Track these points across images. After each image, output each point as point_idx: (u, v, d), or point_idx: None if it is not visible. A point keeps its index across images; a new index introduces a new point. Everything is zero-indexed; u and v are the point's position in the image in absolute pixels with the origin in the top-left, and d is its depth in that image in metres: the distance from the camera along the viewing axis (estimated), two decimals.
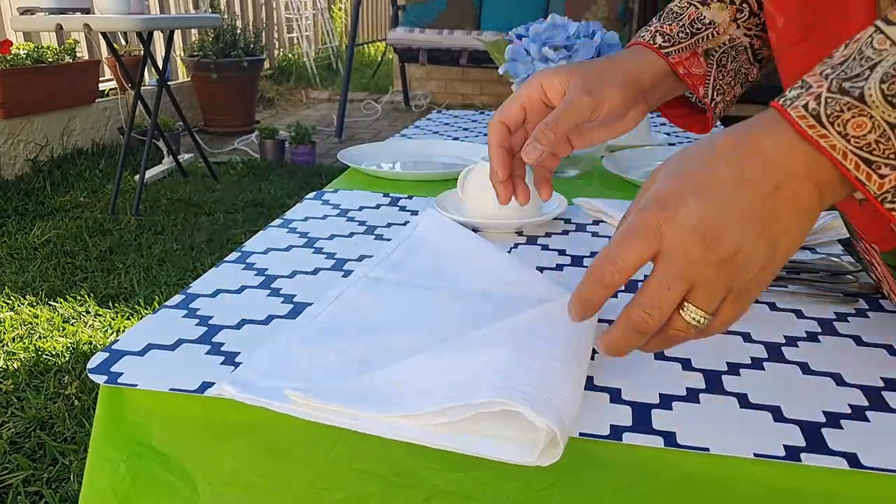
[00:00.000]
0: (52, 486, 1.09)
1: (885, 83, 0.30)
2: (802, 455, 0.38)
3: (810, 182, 0.33)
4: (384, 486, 0.42)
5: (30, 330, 1.57)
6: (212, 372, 0.46)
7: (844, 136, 0.31)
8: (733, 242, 0.32)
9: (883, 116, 0.30)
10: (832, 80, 0.31)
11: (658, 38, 0.53)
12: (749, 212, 0.32)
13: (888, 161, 0.30)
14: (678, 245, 0.33)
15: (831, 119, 0.31)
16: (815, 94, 0.32)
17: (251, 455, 0.43)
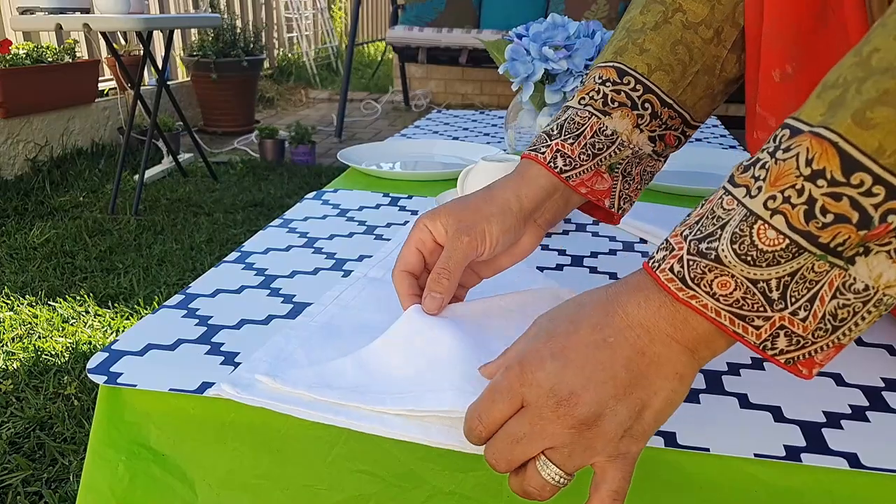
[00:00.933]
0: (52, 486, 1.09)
1: (734, 243, 0.31)
2: (803, 455, 0.38)
3: (677, 343, 0.33)
4: (383, 486, 0.42)
5: (29, 330, 1.57)
6: (211, 372, 0.46)
7: (713, 295, 0.32)
8: (591, 407, 0.33)
9: (742, 274, 0.31)
10: (690, 242, 0.32)
11: (559, 160, 0.50)
12: (611, 376, 0.33)
13: (759, 314, 0.31)
14: (536, 405, 0.33)
15: (696, 281, 0.32)
16: (677, 255, 0.33)
17: (250, 456, 0.43)
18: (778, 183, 0.30)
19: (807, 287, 0.31)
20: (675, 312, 0.33)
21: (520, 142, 1.00)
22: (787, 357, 0.32)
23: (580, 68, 0.85)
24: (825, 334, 0.32)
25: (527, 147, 0.55)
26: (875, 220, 0.29)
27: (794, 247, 0.30)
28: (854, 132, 0.29)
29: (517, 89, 0.90)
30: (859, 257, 0.30)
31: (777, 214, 0.30)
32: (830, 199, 0.29)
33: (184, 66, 4.03)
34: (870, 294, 0.31)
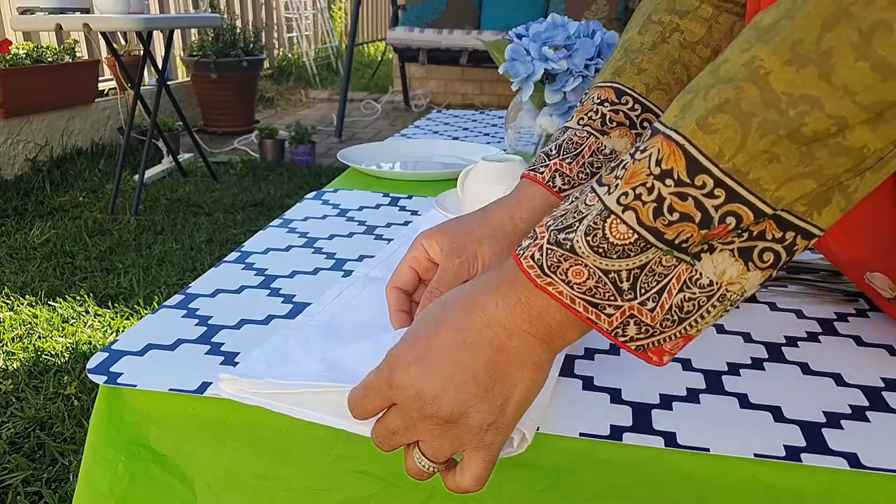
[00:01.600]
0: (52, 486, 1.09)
1: (588, 235, 0.33)
2: (803, 455, 0.38)
3: (532, 337, 0.35)
4: (383, 486, 0.42)
5: (29, 330, 1.57)
6: (211, 372, 0.46)
7: (568, 283, 0.33)
8: (454, 406, 0.35)
9: (595, 264, 0.33)
10: (551, 232, 0.34)
11: (557, 179, 0.52)
12: (472, 376, 0.34)
13: (610, 302, 0.33)
14: (404, 406, 0.36)
15: (553, 269, 0.33)
16: (538, 244, 0.34)
17: (249, 456, 0.43)
18: (632, 181, 0.32)
19: (656, 280, 0.33)
20: (531, 308, 0.35)
21: (520, 142, 1.00)
22: (637, 344, 0.34)
23: (580, 68, 0.85)
24: (672, 325, 0.33)
25: (529, 165, 0.56)
26: (715, 221, 0.31)
27: (642, 241, 0.32)
28: (697, 136, 0.31)
29: (517, 89, 0.90)
30: (705, 254, 0.32)
31: (628, 210, 0.32)
32: (677, 198, 0.31)
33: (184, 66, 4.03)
34: (713, 289, 0.33)
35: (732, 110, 0.30)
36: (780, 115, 0.30)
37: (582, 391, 0.44)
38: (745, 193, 0.31)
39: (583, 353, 0.49)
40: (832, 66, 0.29)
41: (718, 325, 0.53)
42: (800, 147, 0.30)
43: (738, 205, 0.31)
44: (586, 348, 0.49)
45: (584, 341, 0.50)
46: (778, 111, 0.30)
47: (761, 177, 0.30)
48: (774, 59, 0.30)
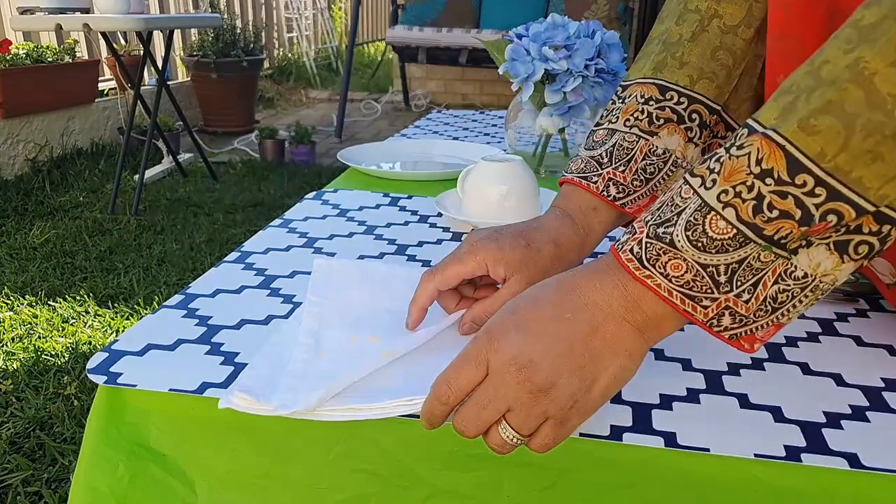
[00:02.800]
0: (52, 486, 1.09)
1: (688, 230, 0.34)
2: (803, 455, 0.38)
3: (628, 323, 0.36)
4: (383, 486, 0.42)
5: (29, 330, 1.57)
6: (211, 372, 0.46)
7: (666, 276, 0.35)
8: (548, 375, 0.35)
9: (694, 258, 0.34)
10: (650, 226, 0.36)
11: (612, 188, 0.51)
12: (567, 349, 0.36)
13: (707, 295, 0.34)
14: (499, 372, 0.36)
15: (651, 262, 0.35)
16: (637, 238, 0.36)
17: (250, 456, 0.43)
18: (731, 178, 0.33)
19: (752, 273, 0.34)
20: (628, 295, 0.36)
21: (520, 142, 1.00)
22: (730, 333, 0.35)
23: (580, 68, 0.85)
24: (765, 314, 0.35)
25: (573, 169, 0.55)
26: (816, 218, 0.32)
27: (741, 237, 0.33)
28: (799, 137, 0.32)
29: (517, 89, 0.90)
30: (802, 249, 0.33)
31: (728, 207, 0.33)
32: (777, 196, 0.32)
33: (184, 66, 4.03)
34: (808, 281, 0.34)
35: (836, 112, 0.31)
36: (885, 116, 0.30)
37: None
38: (847, 192, 0.31)
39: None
40: None
41: None
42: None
43: (839, 203, 0.31)
44: None
45: None
46: (883, 112, 0.30)
47: (864, 175, 0.31)
48: (880, 61, 0.30)
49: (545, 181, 0.94)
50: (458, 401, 0.37)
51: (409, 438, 0.42)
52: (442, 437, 0.41)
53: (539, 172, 0.98)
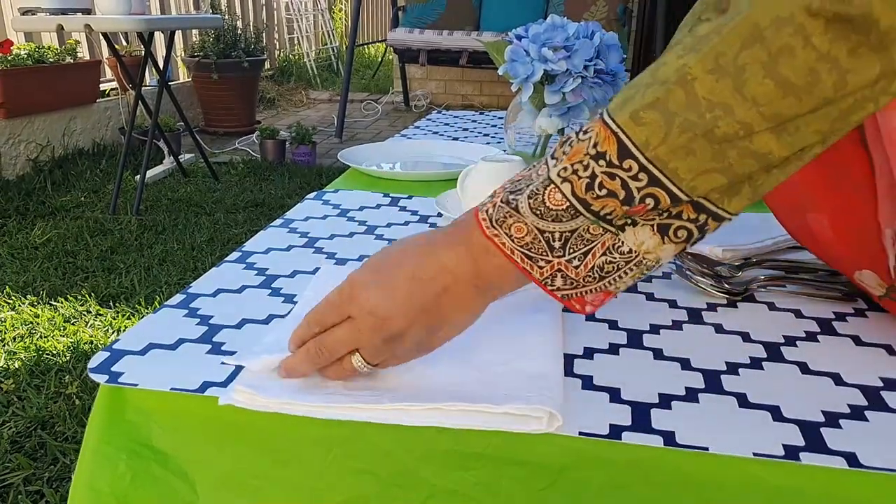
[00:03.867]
0: (53, 485, 1.09)
1: (531, 199, 0.39)
2: (801, 454, 0.38)
3: (473, 287, 0.41)
4: (383, 486, 0.42)
5: (31, 329, 1.58)
6: (212, 371, 0.46)
7: (510, 236, 0.39)
8: (399, 327, 0.41)
9: (533, 223, 0.39)
10: (505, 192, 0.40)
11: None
12: (419, 306, 0.41)
13: (542, 257, 0.39)
14: (356, 321, 0.42)
15: (499, 223, 0.40)
16: (494, 202, 0.41)
17: (250, 456, 0.43)
18: (573, 158, 0.38)
19: (583, 244, 0.39)
20: (477, 260, 0.40)
21: (519, 142, 1.00)
22: (563, 293, 0.40)
23: (579, 69, 0.86)
24: (593, 281, 0.40)
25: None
26: (636, 200, 0.36)
27: (572, 209, 0.38)
28: (629, 126, 0.36)
29: (517, 90, 0.91)
30: (629, 227, 0.38)
31: (566, 182, 0.38)
32: (607, 177, 0.37)
33: (185, 67, 4.03)
34: (632, 256, 0.39)
35: (661, 108, 0.35)
36: (698, 117, 0.35)
37: (581, 390, 0.44)
38: (664, 180, 0.36)
39: (582, 352, 0.49)
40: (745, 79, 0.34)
41: (717, 325, 0.53)
42: (713, 145, 0.35)
43: (657, 188, 0.36)
44: (585, 348, 0.50)
45: (584, 340, 0.50)
46: (697, 113, 0.35)
47: (679, 167, 0.35)
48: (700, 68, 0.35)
49: None
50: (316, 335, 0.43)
51: (408, 439, 0.42)
52: (441, 437, 0.42)
53: None
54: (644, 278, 0.62)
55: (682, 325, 0.53)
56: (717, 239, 0.66)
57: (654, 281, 0.62)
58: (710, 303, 0.57)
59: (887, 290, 0.51)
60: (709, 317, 0.55)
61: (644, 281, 0.61)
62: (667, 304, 0.57)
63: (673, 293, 0.59)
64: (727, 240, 0.66)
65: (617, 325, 0.53)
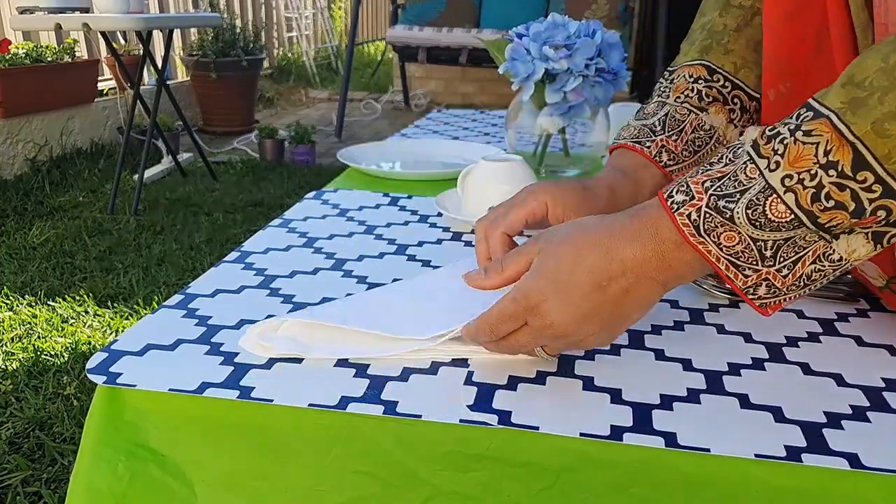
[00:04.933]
0: (51, 486, 1.09)
1: (749, 209, 0.36)
2: (803, 455, 0.38)
3: (657, 283, 0.40)
4: (383, 487, 0.42)
5: (29, 330, 1.57)
6: (211, 372, 0.46)
7: (718, 245, 0.38)
8: (580, 334, 0.41)
9: (748, 233, 0.37)
10: (711, 196, 0.38)
11: (664, 155, 0.56)
12: (598, 314, 0.40)
13: (751, 266, 0.38)
14: (536, 330, 0.42)
15: (708, 232, 0.38)
16: (696, 205, 0.38)
17: (249, 457, 0.43)
18: (796, 164, 0.35)
19: (795, 251, 0.37)
20: (664, 261, 0.39)
21: (520, 142, 1.00)
22: (762, 301, 0.39)
23: (580, 68, 0.85)
24: (797, 289, 0.39)
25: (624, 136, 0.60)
26: (867, 213, 0.34)
27: (796, 221, 0.36)
28: (871, 138, 0.33)
29: (517, 89, 0.90)
30: (843, 235, 0.36)
31: (789, 192, 0.35)
32: (836, 188, 0.34)
33: (183, 66, 4.02)
34: (841, 264, 0.38)
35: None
36: None
37: (582, 391, 0.44)
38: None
39: (583, 353, 0.49)
40: None
41: (719, 325, 0.53)
42: None
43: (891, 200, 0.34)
44: None
45: None
46: None
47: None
48: None
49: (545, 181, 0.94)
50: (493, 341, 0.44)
51: (408, 439, 0.42)
52: (442, 438, 0.41)
53: (539, 172, 0.98)
54: None
55: (684, 325, 0.53)
56: None
57: None
58: (711, 303, 0.57)
59: (888, 281, 0.51)
60: (710, 317, 0.55)
61: None
62: (668, 304, 0.57)
63: (675, 294, 0.59)
64: None
65: None
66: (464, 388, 0.44)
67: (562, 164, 0.99)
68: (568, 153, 0.99)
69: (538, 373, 0.46)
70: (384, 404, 0.42)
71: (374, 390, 0.44)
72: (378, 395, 0.43)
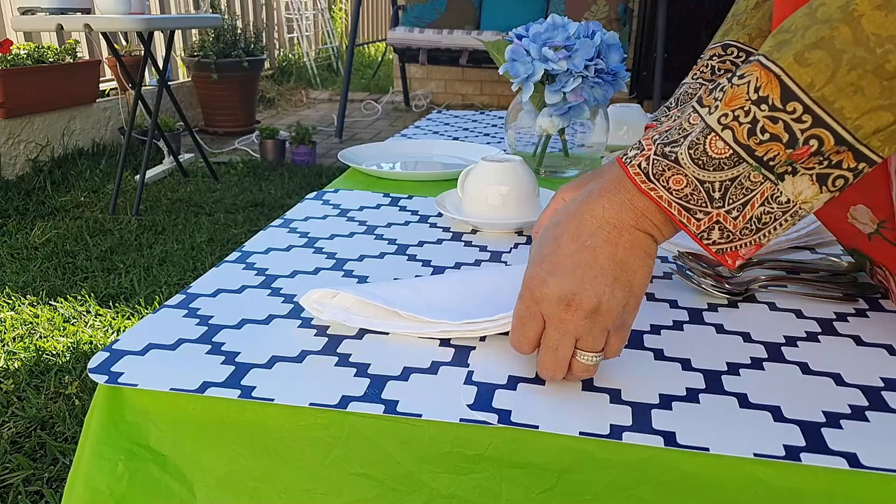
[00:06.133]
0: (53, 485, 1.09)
1: (691, 149, 0.38)
2: (802, 455, 0.38)
3: (638, 230, 0.41)
4: (382, 490, 0.42)
5: (30, 330, 1.57)
6: (212, 372, 0.46)
7: (668, 189, 0.39)
8: (591, 298, 0.40)
9: (693, 174, 0.38)
10: (657, 145, 0.40)
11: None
12: (599, 270, 0.40)
13: (701, 208, 0.39)
14: (552, 315, 0.41)
15: (657, 176, 0.39)
16: (645, 155, 0.40)
17: (249, 458, 0.43)
18: (731, 104, 0.37)
19: (742, 193, 0.38)
20: (635, 209, 0.40)
21: (520, 142, 1.00)
22: (717, 247, 0.40)
23: (580, 69, 0.85)
24: (749, 233, 0.39)
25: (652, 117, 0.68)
26: (800, 142, 0.36)
27: (735, 156, 0.37)
28: (793, 68, 0.36)
29: (517, 90, 0.90)
30: (788, 176, 0.38)
31: (727, 129, 0.37)
32: (769, 121, 0.36)
33: (184, 67, 4.03)
34: (790, 206, 0.39)
35: (827, 47, 0.35)
36: (867, 53, 0.34)
37: (582, 391, 0.44)
38: (830, 120, 0.35)
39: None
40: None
41: (718, 325, 0.53)
42: (881, 81, 0.34)
43: (821, 129, 0.36)
44: None
45: None
46: (866, 49, 0.34)
47: (845, 106, 0.35)
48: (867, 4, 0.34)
49: (545, 181, 0.94)
50: (534, 349, 0.44)
51: (407, 441, 0.42)
52: (440, 439, 0.41)
53: (539, 172, 0.98)
54: None
55: (683, 325, 0.53)
56: None
57: (654, 281, 0.61)
58: (710, 303, 0.57)
59: (878, 225, 0.51)
60: (709, 317, 0.55)
61: None
62: (667, 304, 0.57)
63: (674, 293, 0.59)
64: None
65: None
66: (464, 387, 0.44)
67: (561, 165, 0.99)
68: (567, 154, 0.99)
69: (538, 372, 0.46)
70: (384, 403, 0.43)
71: (374, 389, 0.44)
72: (378, 394, 0.44)
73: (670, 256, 0.67)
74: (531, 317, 0.42)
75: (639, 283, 0.41)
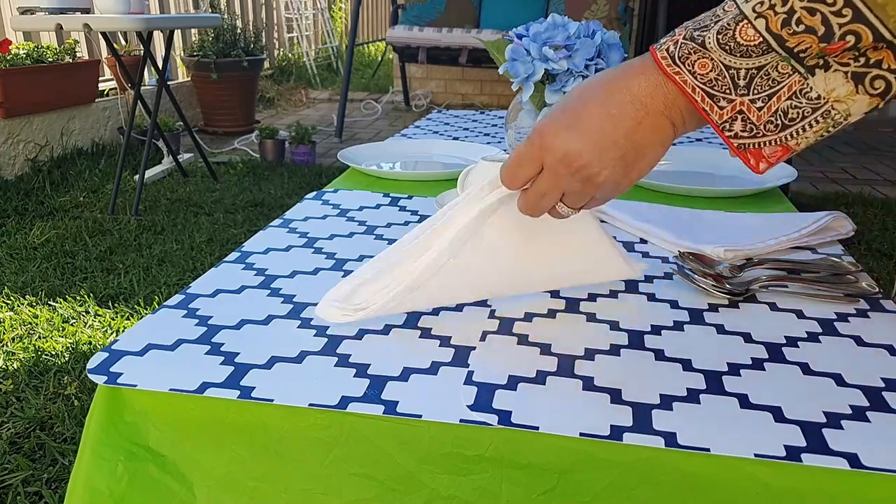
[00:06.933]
0: (52, 486, 1.09)
1: (720, 34, 0.38)
2: (803, 455, 0.38)
3: (666, 118, 0.41)
4: (381, 490, 0.42)
5: (29, 330, 1.57)
6: (211, 372, 0.46)
7: (693, 73, 0.39)
8: (595, 166, 0.41)
9: (720, 59, 0.38)
10: (688, 30, 0.39)
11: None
12: (612, 142, 0.41)
13: (725, 95, 0.38)
14: (552, 167, 0.42)
15: (682, 60, 0.39)
16: (675, 39, 0.39)
17: (248, 458, 0.43)
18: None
19: (769, 84, 0.38)
20: (667, 94, 0.40)
21: (520, 142, 1.00)
22: (739, 142, 0.39)
23: (580, 68, 0.85)
24: (775, 129, 0.38)
25: None
26: (836, 37, 0.35)
27: (764, 44, 0.37)
28: None
29: (517, 89, 0.90)
30: (819, 70, 0.37)
31: (760, 17, 0.36)
32: (807, 12, 0.35)
33: (184, 66, 4.02)
34: (820, 103, 0.37)
35: None
36: None
37: (582, 391, 0.44)
38: (870, 15, 0.34)
39: (583, 353, 0.49)
40: None
41: (719, 325, 0.53)
42: None
43: (860, 25, 0.35)
44: (587, 348, 0.49)
45: (585, 341, 0.50)
46: None
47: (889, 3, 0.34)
48: None
49: None
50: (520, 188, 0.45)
51: (407, 441, 0.42)
52: (440, 440, 0.41)
53: None
54: (645, 278, 0.62)
55: (684, 325, 0.53)
56: (719, 239, 0.66)
57: (655, 281, 0.61)
58: (711, 303, 0.57)
59: None
60: (710, 317, 0.55)
61: (645, 281, 0.61)
62: (668, 304, 0.57)
63: (674, 294, 0.59)
64: (728, 240, 0.66)
65: (618, 325, 0.53)
66: (464, 387, 0.44)
67: None
68: None
69: (538, 373, 0.46)
70: (384, 404, 0.43)
71: (374, 390, 0.44)
72: (378, 394, 0.43)
73: (671, 256, 0.67)
74: (532, 160, 0.43)
75: (639, 169, 0.42)
